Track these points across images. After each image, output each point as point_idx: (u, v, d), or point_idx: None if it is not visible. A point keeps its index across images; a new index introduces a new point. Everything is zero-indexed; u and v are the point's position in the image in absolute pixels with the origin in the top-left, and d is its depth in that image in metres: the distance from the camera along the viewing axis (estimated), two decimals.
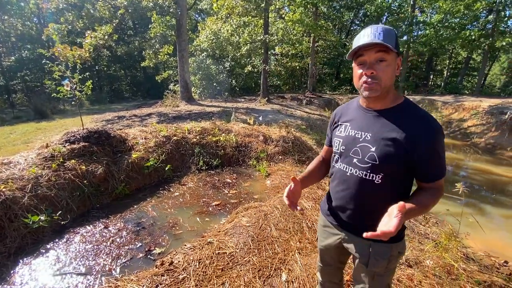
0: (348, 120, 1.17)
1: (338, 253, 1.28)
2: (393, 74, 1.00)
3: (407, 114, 1.01)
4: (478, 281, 2.18)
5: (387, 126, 1.01)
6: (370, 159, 1.03)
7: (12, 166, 3.27)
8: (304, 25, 12.18)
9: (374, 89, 0.99)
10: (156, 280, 1.80)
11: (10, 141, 6.59)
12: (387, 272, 1.13)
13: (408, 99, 1.08)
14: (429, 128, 0.96)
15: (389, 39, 0.94)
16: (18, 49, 21.22)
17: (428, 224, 3.63)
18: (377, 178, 1.03)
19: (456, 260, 2.46)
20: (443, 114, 11.77)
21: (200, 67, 16.15)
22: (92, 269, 2.30)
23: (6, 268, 2.31)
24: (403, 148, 0.97)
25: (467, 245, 3.14)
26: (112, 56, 23.07)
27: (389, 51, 0.95)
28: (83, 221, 3.08)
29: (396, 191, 1.06)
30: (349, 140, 1.11)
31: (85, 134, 4.05)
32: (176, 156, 4.70)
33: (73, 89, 4.26)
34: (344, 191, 1.14)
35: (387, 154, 1.00)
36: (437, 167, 1.00)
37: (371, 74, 0.97)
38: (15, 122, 10.76)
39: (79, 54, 8.84)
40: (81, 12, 12.48)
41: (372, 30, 0.96)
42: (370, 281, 1.14)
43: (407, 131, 0.97)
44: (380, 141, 1.01)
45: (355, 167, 1.08)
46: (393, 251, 1.09)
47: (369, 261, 1.10)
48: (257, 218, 2.59)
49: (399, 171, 1.02)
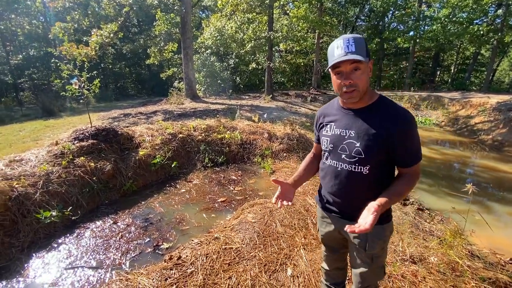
0: (332, 120, 1.27)
1: (339, 237, 1.36)
2: (367, 79, 1.11)
3: (382, 109, 1.14)
4: (483, 278, 2.19)
5: (367, 123, 1.13)
6: (356, 153, 1.14)
7: (24, 163, 3.36)
8: (309, 21, 12.09)
9: (354, 97, 1.11)
10: (165, 274, 1.86)
11: (20, 138, 6.73)
12: (383, 253, 1.25)
13: (383, 96, 1.19)
14: (402, 119, 1.09)
15: (360, 49, 1.05)
16: (25, 48, 21.49)
17: (433, 221, 3.63)
18: (364, 169, 1.15)
19: (460, 257, 2.46)
20: (450, 111, 11.61)
21: (204, 65, 16.17)
22: (103, 263, 2.38)
23: (20, 262, 2.40)
24: (382, 140, 1.09)
25: (472, 242, 3.14)
26: (117, 54, 23.22)
27: (363, 62, 1.06)
28: (92, 217, 3.16)
29: (382, 178, 1.17)
30: (336, 138, 1.22)
31: (93, 131, 4.13)
32: (182, 153, 4.77)
33: (81, 88, 4.33)
34: (337, 185, 1.24)
35: (370, 147, 1.11)
36: (413, 153, 1.12)
37: (349, 83, 1.09)
38: (23, 119, 10.96)
39: (86, 52, 8.95)
40: (86, 10, 12.58)
41: (344, 42, 1.06)
42: (369, 264, 1.24)
43: (383, 125, 1.10)
44: (363, 137, 1.13)
45: (344, 162, 1.19)
46: (386, 231, 1.22)
47: (367, 244, 1.20)
48: (262, 214, 2.63)
49: (382, 161, 1.14)
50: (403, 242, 2.58)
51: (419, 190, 4.59)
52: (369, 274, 1.26)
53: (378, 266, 1.26)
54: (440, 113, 11.97)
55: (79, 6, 14.03)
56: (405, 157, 1.12)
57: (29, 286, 2.14)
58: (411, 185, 1.14)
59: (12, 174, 3.03)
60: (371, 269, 1.24)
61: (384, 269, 1.30)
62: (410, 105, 13.47)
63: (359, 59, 1.03)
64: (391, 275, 1.98)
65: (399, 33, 18.44)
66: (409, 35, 18.00)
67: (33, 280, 2.21)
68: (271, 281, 1.85)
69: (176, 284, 1.77)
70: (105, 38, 10.41)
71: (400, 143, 1.09)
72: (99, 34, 10.25)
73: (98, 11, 12.17)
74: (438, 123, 11.26)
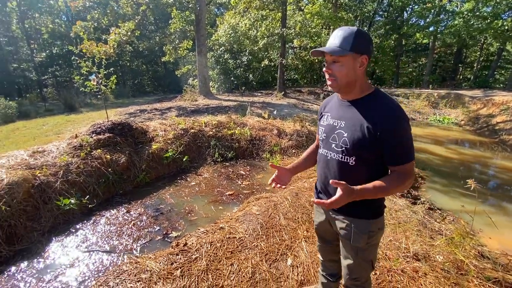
0: (329, 110, 1.32)
1: (331, 230, 1.39)
2: (349, 72, 1.12)
3: (375, 103, 1.13)
4: (488, 277, 2.16)
5: (357, 115, 1.15)
6: (343, 143, 1.17)
7: (46, 154, 3.60)
8: (323, 18, 11.92)
9: (333, 86, 1.17)
10: (172, 259, 1.97)
11: (43, 132, 7.15)
12: (369, 247, 1.25)
13: (379, 89, 1.20)
14: (392, 115, 1.08)
15: (345, 42, 1.08)
16: (49, 46, 22.55)
17: (444, 221, 3.56)
18: (351, 160, 1.16)
19: (467, 256, 2.43)
20: (470, 110, 11.14)
21: (218, 62, 16.34)
22: (116, 248, 2.54)
23: (41, 244, 2.60)
24: (370, 133, 1.09)
25: (483, 243, 3.07)
26: (134, 52, 23.89)
27: (343, 55, 1.09)
28: (107, 206, 3.36)
29: (369, 173, 1.16)
30: (329, 128, 1.26)
31: (110, 126, 4.34)
32: (193, 148, 4.91)
33: (99, 84, 4.56)
34: (325, 173, 1.28)
35: (356, 139, 1.12)
36: (401, 151, 1.09)
37: (327, 72, 1.16)
38: (47, 114, 11.58)
39: (104, 50, 9.32)
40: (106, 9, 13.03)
41: (335, 33, 1.12)
42: (354, 256, 1.26)
43: (373, 118, 1.09)
44: (351, 128, 1.15)
45: (333, 151, 1.22)
46: (373, 226, 1.22)
47: (352, 236, 1.22)
48: (266, 207, 2.70)
49: (367, 154, 1.14)
50: (408, 240, 2.57)
51: (432, 190, 4.49)
52: (354, 266, 1.28)
53: (364, 260, 1.27)
54: (460, 112, 11.51)
55: (99, 5, 14.56)
56: (393, 154, 1.10)
57: (48, 266, 2.33)
58: (400, 184, 1.10)
59: (35, 164, 3.26)
60: (356, 262, 1.26)
61: (371, 263, 1.30)
62: (427, 103, 13.03)
63: (328, 51, 1.09)
64: (391, 269, 2.00)
65: (418, 28, 17.79)
66: (429, 31, 17.31)
67: (52, 261, 2.39)
68: (271, 270, 1.92)
69: (181, 268, 1.88)
70: (123, 36, 10.77)
71: (388, 138, 1.07)
72: (117, 33, 10.63)
73: (117, 10, 12.57)
74: (457, 122, 10.84)
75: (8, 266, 2.30)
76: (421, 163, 5.43)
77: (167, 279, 1.79)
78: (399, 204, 3.51)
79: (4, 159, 3.25)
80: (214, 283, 1.79)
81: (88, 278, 2.16)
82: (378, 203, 1.24)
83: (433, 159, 6.09)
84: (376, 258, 1.40)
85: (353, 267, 1.29)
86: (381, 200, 1.26)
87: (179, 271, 1.85)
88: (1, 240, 2.45)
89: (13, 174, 2.86)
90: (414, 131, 9.34)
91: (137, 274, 1.84)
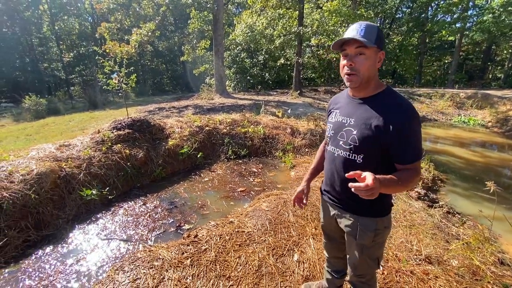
0: (338, 107, 1.31)
1: (337, 227, 1.39)
2: (371, 67, 1.10)
3: (386, 101, 1.12)
4: (506, 284, 2.07)
5: (368, 112, 1.13)
6: (352, 141, 1.16)
7: (71, 147, 3.85)
8: (342, 15, 11.69)
9: (353, 81, 1.12)
10: (182, 249, 2.06)
11: (69, 127, 7.59)
12: (375, 245, 1.24)
13: (390, 87, 1.17)
14: (404, 114, 1.06)
15: (370, 35, 1.06)
16: (76, 46, 23.81)
17: (463, 226, 3.43)
18: (358, 158, 1.16)
19: (485, 263, 2.34)
20: (499, 110, 10.49)
21: (234, 61, 16.50)
22: (132, 237, 2.68)
23: (65, 231, 2.80)
24: (379, 131, 1.08)
25: (505, 250, 2.93)
26: (154, 51, 24.66)
27: (368, 47, 1.06)
28: (126, 197, 3.54)
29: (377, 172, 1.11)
30: (337, 125, 1.25)
31: (129, 122, 4.55)
32: (207, 145, 5.03)
33: (120, 82, 4.78)
34: (332, 170, 1.28)
35: (365, 136, 1.11)
36: (411, 150, 1.07)
37: (350, 66, 1.10)
38: (73, 111, 12.25)
39: (126, 50, 9.72)
40: (128, 11, 13.56)
41: (356, 27, 1.08)
42: (359, 254, 1.26)
43: (383, 117, 1.08)
44: (360, 125, 1.13)
45: (340, 148, 1.22)
46: (379, 225, 1.21)
47: (357, 234, 1.22)
48: (276, 204, 2.74)
49: (376, 152, 1.13)
50: (421, 242, 2.51)
51: (453, 194, 4.32)
52: (359, 263, 1.28)
53: (369, 258, 1.26)
54: (487, 113, 10.88)
55: (122, 7, 15.18)
56: (404, 153, 1.08)
57: (71, 251, 2.50)
58: (411, 180, 1.07)
59: (61, 156, 3.50)
60: (361, 259, 1.26)
61: (377, 261, 1.29)
62: (452, 104, 12.42)
63: (362, 40, 1.03)
64: (399, 270, 1.97)
65: (444, 24, 16.98)
66: (455, 27, 16.47)
67: (75, 246, 2.57)
68: (277, 264, 1.95)
69: (191, 258, 1.96)
70: (144, 37, 11.17)
71: (399, 138, 1.05)
72: (138, 33, 11.04)
73: (139, 11, 13.05)
74: (484, 123, 10.26)
75: (36, 250, 2.50)
76: (441, 165, 5.22)
77: (178, 267, 1.88)
78: (414, 206, 3.43)
79: (34, 152, 3.51)
80: (222, 273, 1.86)
81: (106, 263, 2.30)
82: (385, 200, 1.22)
83: (456, 161, 5.83)
84: (382, 256, 1.39)
85: (358, 264, 1.29)
86: (388, 198, 1.25)
87: (189, 260, 1.93)
88: (30, 225, 2.67)
89: (42, 165, 3.09)
90: (436, 132, 8.96)
91: (150, 261, 1.95)
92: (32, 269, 2.25)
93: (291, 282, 1.84)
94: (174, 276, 1.80)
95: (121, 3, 13.95)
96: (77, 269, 2.24)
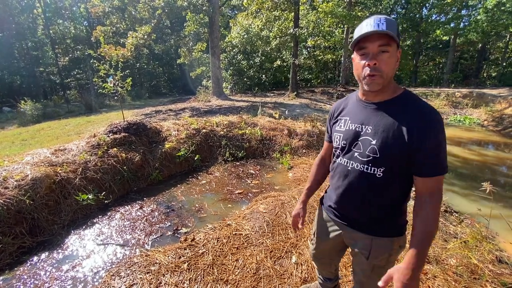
0: (347, 114, 1.15)
1: (335, 248, 1.30)
2: (394, 66, 0.98)
3: (407, 105, 0.99)
4: (504, 282, 2.07)
5: (387, 119, 0.99)
6: (371, 152, 1.01)
7: (67, 152, 3.81)
8: (337, 16, 11.77)
9: (376, 83, 0.97)
10: (179, 253, 2.04)
11: (65, 132, 7.53)
12: (386, 264, 1.13)
13: (408, 90, 1.05)
14: (428, 119, 0.93)
15: (392, 29, 0.91)
16: (71, 50, 23.72)
17: (460, 224, 3.44)
18: (378, 171, 1.01)
19: (483, 261, 2.35)
20: (494, 109, 10.59)
21: (231, 63, 16.52)
22: (129, 242, 2.65)
23: (61, 236, 2.77)
24: (403, 140, 0.95)
25: (502, 248, 2.94)
26: (151, 54, 24.63)
27: (391, 43, 0.93)
28: (122, 202, 3.51)
29: (398, 187, 1.03)
30: (350, 134, 1.09)
31: (126, 125, 4.52)
32: (204, 147, 5.01)
33: (116, 85, 4.76)
34: (345, 186, 1.12)
35: (387, 146, 0.97)
36: (437, 160, 0.95)
37: (374, 65, 0.95)
38: (69, 115, 12.18)
39: (122, 53, 9.69)
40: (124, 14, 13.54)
41: (375, 20, 0.93)
42: (369, 273, 1.15)
43: (406, 123, 0.95)
44: (380, 134, 0.99)
45: (356, 161, 1.06)
46: (395, 244, 1.09)
47: (370, 254, 1.11)
48: (274, 206, 2.73)
49: (400, 164, 0.99)
50: None
51: (450, 193, 4.33)
52: (367, 282, 1.19)
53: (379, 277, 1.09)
54: (483, 111, 10.98)
55: (117, 11, 15.17)
56: (430, 164, 0.94)
57: (67, 257, 2.47)
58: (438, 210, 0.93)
59: (56, 161, 3.46)
60: (371, 278, 1.16)
61: None
62: (447, 103, 12.52)
63: (391, 34, 0.90)
64: None
65: (438, 24, 17.15)
66: (450, 27, 16.64)
67: (70, 252, 2.54)
68: (275, 266, 1.94)
69: (188, 262, 1.94)
70: (140, 40, 11.16)
71: (427, 146, 0.92)
72: (134, 36, 11.02)
73: (134, 14, 13.04)
74: (480, 122, 10.35)
75: (31, 256, 2.47)
76: None
77: (175, 272, 1.86)
78: (410, 205, 3.43)
79: (29, 157, 3.48)
80: (219, 277, 1.84)
81: (102, 268, 2.27)
82: (401, 220, 1.11)
83: (452, 160, 5.86)
84: None
85: (365, 282, 1.20)
86: (404, 215, 1.13)
87: (186, 264, 1.92)
88: (25, 231, 2.63)
89: (37, 170, 3.06)
90: None
91: (146, 266, 1.93)
92: (27, 276, 2.22)
93: (289, 284, 1.82)
94: (171, 281, 1.78)
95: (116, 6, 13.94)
96: (73, 275, 2.21)
